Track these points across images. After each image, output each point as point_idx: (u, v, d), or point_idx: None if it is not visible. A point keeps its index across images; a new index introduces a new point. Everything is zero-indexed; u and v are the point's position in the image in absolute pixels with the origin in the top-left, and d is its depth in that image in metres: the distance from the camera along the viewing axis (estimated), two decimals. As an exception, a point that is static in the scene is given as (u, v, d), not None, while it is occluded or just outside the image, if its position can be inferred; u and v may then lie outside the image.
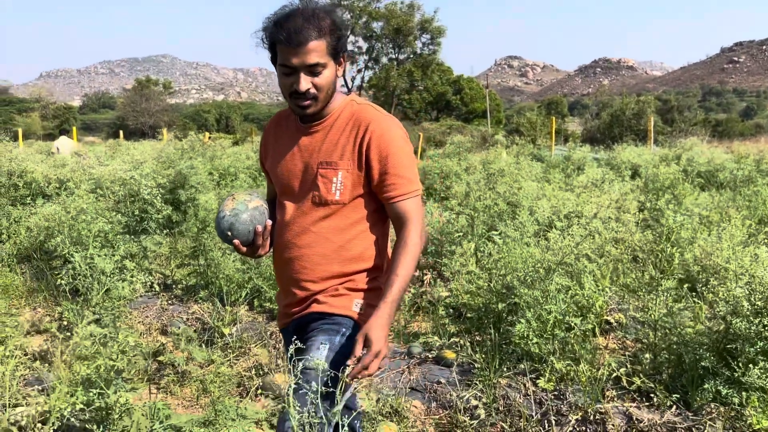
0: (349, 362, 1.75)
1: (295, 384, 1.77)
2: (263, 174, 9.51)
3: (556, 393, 3.43)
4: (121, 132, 36.12)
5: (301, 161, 2.01)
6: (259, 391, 3.65)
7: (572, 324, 3.62)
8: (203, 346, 4.26)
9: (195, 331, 4.51)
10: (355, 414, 2.31)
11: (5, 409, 2.43)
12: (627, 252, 5.41)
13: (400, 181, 1.91)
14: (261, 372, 3.92)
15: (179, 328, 4.45)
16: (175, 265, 6.25)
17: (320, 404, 1.70)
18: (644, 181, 9.54)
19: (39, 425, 1.72)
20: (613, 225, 5.42)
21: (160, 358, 3.99)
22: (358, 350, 1.77)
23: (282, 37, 1.84)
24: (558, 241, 4.25)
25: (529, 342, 3.59)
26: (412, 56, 51.49)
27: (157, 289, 5.53)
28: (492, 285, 4.17)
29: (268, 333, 4.51)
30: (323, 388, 1.72)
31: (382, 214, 2.01)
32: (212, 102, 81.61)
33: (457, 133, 29.97)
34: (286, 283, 2.08)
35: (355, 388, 1.90)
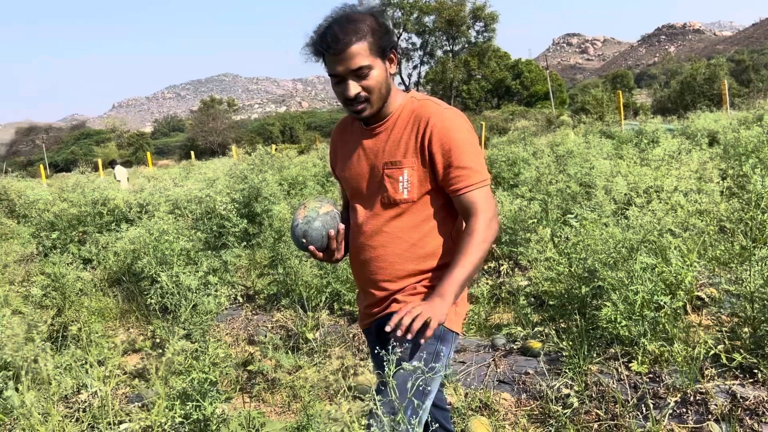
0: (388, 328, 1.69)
1: (379, 385, 1.77)
2: (331, 180, 9.61)
3: (651, 376, 3.30)
4: (192, 153, 37.43)
5: (367, 163, 2.01)
6: (347, 393, 3.69)
7: (661, 303, 3.48)
8: (289, 353, 4.35)
9: (280, 338, 4.62)
10: (443, 411, 2.30)
11: (111, 427, 2.55)
12: (713, 223, 5.15)
13: (464, 172, 1.88)
14: (347, 374, 3.97)
15: (265, 336, 4.56)
16: (255, 276, 6.41)
17: (406, 404, 1.69)
18: (723, 147, 9.07)
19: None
20: (696, 197, 5.17)
21: (250, 367, 4.10)
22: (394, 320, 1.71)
23: (323, 48, 1.86)
24: (639, 219, 4.09)
25: (617, 325, 3.47)
26: (467, 46, 50.96)
27: (241, 300, 5.70)
28: (573, 270, 4.06)
29: (351, 335, 4.56)
30: (408, 386, 1.71)
31: (453, 208, 1.99)
32: (275, 114, 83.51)
33: (520, 118, 29.44)
34: (364, 284, 2.09)
35: (442, 384, 1.88)
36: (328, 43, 1.84)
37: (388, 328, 1.69)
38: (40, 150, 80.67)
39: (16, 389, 2.78)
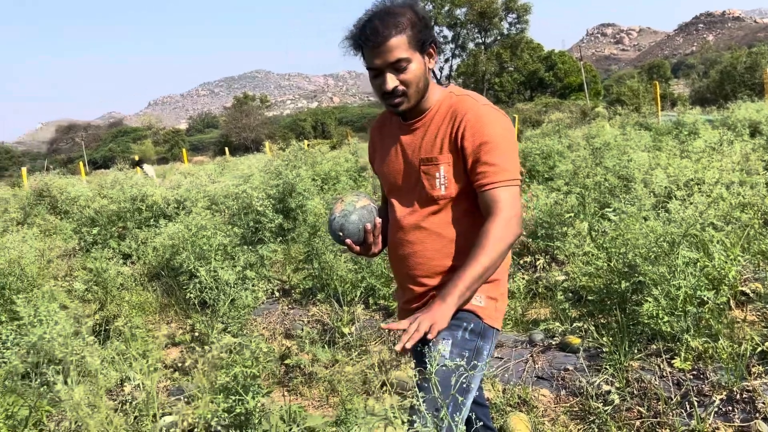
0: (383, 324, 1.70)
1: (419, 381, 1.76)
2: (363, 175, 9.60)
3: (694, 373, 3.23)
4: (226, 149, 37.90)
5: (405, 159, 2.01)
6: (384, 388, 3.70)
7: (705, 298, 3.40)
8: (326, 347, 4.38)
9: (317, 332, 4.65)
10: (483, 408, 2.29)
11: (155, 419, 2.60)
12: (757, 216, 5.01)
13: (491, 169, 1.83)
14: (383, 369, 3.98)
15: (302, 330, 4.60)
16: (291, 271, 6.47)
17: (446, 401, 1.68)
18: (766, 138, 8.81)
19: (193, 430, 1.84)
20: (738, 189, 5.04)
21: (287, 361, 4.14)
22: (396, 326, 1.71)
23: (362, 40, 1.86)
24: (680, 212, 4.00)
25: (659, 321, 3.40)
26: (499, 38, 50.46)
27: (277, 295, 5.75)
28: (612, 264, 4.00)
29: (387, 330, 4.56)
30: (449, 383, 1.70)
31: None
32: (307, 110, 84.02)
33: (553, 110, 29.06)
34: (402, 280, 2.08)
35: (481, 381, 1.86)
36: (367, 36, 1.83)
37: (398, 347, 1.67)
38: (79, 147, 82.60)
39: (64, 382, 2.85)
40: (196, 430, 1.95)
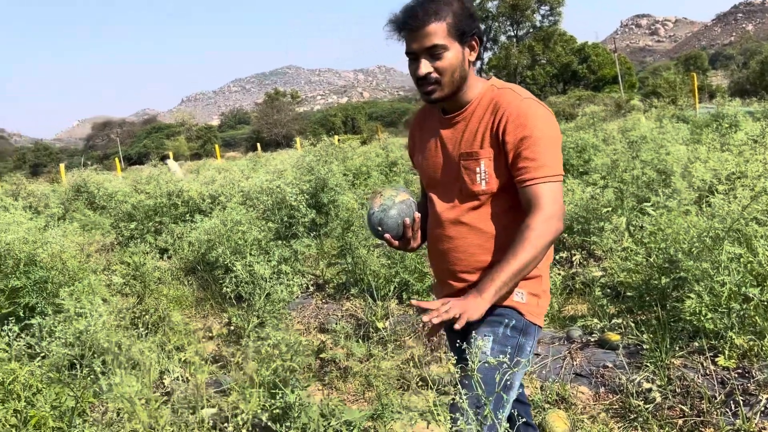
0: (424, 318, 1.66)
1: (462, 378, 1.74)
2: (394, 170, 9.56)
3: (739, 371, 3.15)
4: (258, 145, 38.22)
5: (445, 154, 1.98)
6: (419, 383, 3.69)
7: (750, 295, 3.31)
8: (360, 342, 4.38)
9: (351, 327, 4.66)
10: (524, 406, 2.26)
11: (197, 411, 2.63)
12: (804, 211, 4.86)
13: (533, 164, 1.79)
14: (418, 364, 3.97)
15: (336, 324, 4.61)
16: (324, 265, 6.50)
17: (488, 399, 1.66)
18: (812, 130, 8.53)
19: (235, 423, 1.86)
20: (784, 182, 4.89)
21: (322, 356, 4.16)
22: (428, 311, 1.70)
23: (402, 23, 1.85)
24: (723, 207, 3.90)
25: (702, 318, 3.32)
26: (531, 30, 49.88)
27: (311, 289, 5.79)
28: (652, 260, 3.92)
29: (421, 325, 4.55)
30: (491, 379, 1.68)
31: None
32: (337, 105, 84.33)
33: (587, 103, 28.63)
34: (442, 275, 2.06)
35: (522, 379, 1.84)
36: (407, 20, 1.83)
37: (425, 317, 1.66)
38: (114, 144, 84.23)
39: (110, 374, 2.91)
40: (241, 422, 1.97)
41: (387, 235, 2.02)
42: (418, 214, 2.04)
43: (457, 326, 1.67)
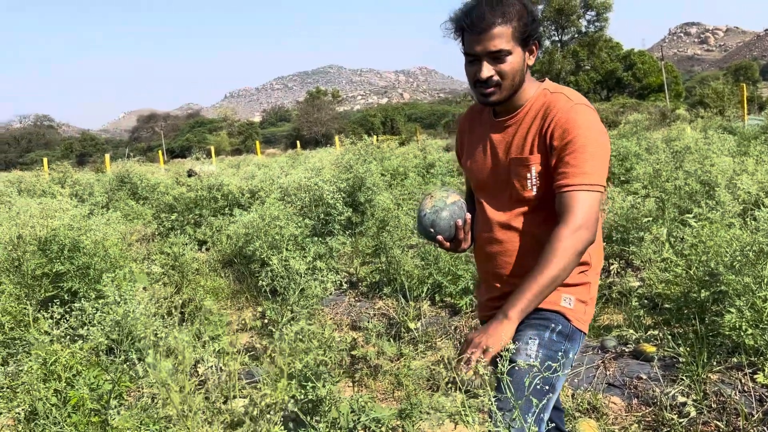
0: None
1: (500, 382, 1.74)
2: (431, 171, 9.54)
3: (779, 390, 3.07)
4: (298, 142, 38.61)
5: (495, 158, 1.95)
6: (449, 385, 3.69)
7: (794, 312, 3.21)
8: (391, 341, 4.40)
9: (383, 326, 4.68)
10: (558, 411, 2.25)
11: (229, 401, 2.68)
12: None
13: (571, 170, 1.74)
14: (449, 366, 3.96)
15: (369, 322, 4.64)
16: (358, 264, 6.53)
17: (529, 401, 1.65)
18: None
19: (269, 414, 1.90)
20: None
21: (353, 353, 4.18)
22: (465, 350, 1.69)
23: (466, 24, 1.81)
24: (769, 221, 3.79)
25: (742, 333, 3.24)
26: (576, 36, 49.22)
27: (344, 286, 5.83)
28: (693, 272, 3.84)
29: (452, 327, 4.55)
30: (533, 384, 1.67)
31: None
32: (377, 106, 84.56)
33: (631, 111, 28.12)
34: (488, 277, 2.04)
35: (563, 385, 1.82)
36: (473, 20, 1.79)
37: (463, 370, 1.66)
38: (158, 136, 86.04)
39: (141, 360, 2.98)
40: (272, 412, 2.00)
41: (439, 237, 2.02)
42: (469, 215, 2.03)
43: (484, 363, 1.65)
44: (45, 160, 21.40)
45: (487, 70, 1.82)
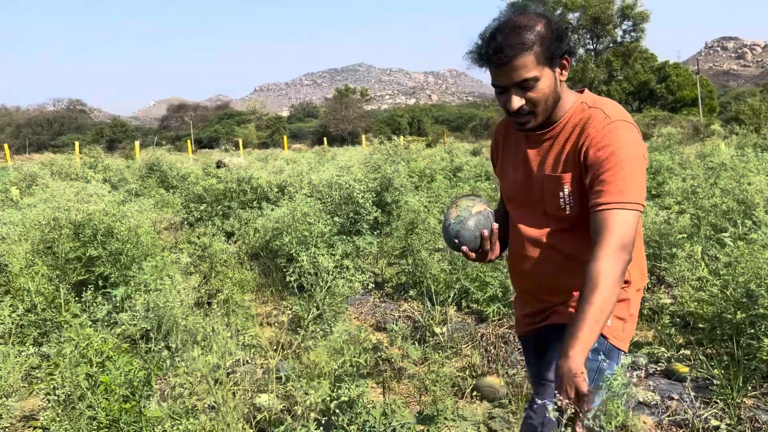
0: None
1: (536, 396, 1.71)
2: (458, 175, 9.47)
3: (816, 419, 2.99)
4: (324, 139, 38.73)
5: (527, 173, 1.90)
6: (474, 393, 3.66)
7: (835, 341, 3.13)
8: (416, 344, 4.38)
9: (408, 329, 4.66)
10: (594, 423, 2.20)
11: (252, 396, 2.68)
12: None
13: (607, 188, 1.65)
14: (474, 373, 3.93)
15: (395, 324, 4.62)
16: (384, 264, 6.52)
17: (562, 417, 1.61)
18: None
19: (312, 413, 1.89)
20: None
21: (378, 354, 4.17)
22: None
23: (485, 58, 1.74)
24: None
25: (780, 359, 3.17)
26: (611, 45, 48.67)
27: (370, 286, 5.82)
28: (729, 293, 3.76)
29: (479, 334, 4.51)
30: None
31: None
32: (405, 106, 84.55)
33: (663, 124, 27.71)
34: (523, 293, 2.01)
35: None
36: (490, 54, 1.72)
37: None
38: (187, 126, 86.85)
39: (168, 348, 2.99)
40: (314, 412, 2.00)
41: (464, 248, 1.95)
42: (495, 225, 1.96)
43: (585, 407, 1.49)
44: (77, 144, 21.72)
45: (516, 101, 1.75)
